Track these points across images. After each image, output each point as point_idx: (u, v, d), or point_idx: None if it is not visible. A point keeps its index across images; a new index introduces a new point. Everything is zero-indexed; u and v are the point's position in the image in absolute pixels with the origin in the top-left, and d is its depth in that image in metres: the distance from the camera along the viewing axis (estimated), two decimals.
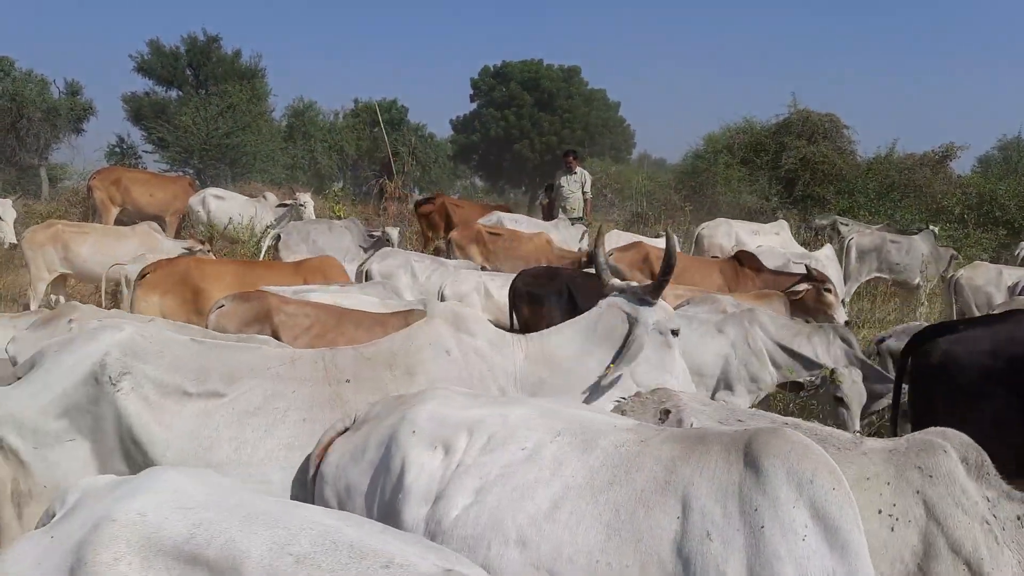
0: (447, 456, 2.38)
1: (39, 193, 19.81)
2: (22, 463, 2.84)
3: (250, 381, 3.01)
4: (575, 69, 37.66)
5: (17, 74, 21.22)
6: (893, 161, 19.51)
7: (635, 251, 9.05)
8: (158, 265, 7.30)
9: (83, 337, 3.04)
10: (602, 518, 2.15)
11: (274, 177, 22.80)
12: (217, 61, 26.08)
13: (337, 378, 3.10)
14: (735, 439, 2.19)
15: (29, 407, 2.87)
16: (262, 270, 7.63)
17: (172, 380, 2.95)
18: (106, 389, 2.87)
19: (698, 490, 2.10)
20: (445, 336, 3.30)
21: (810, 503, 2.01)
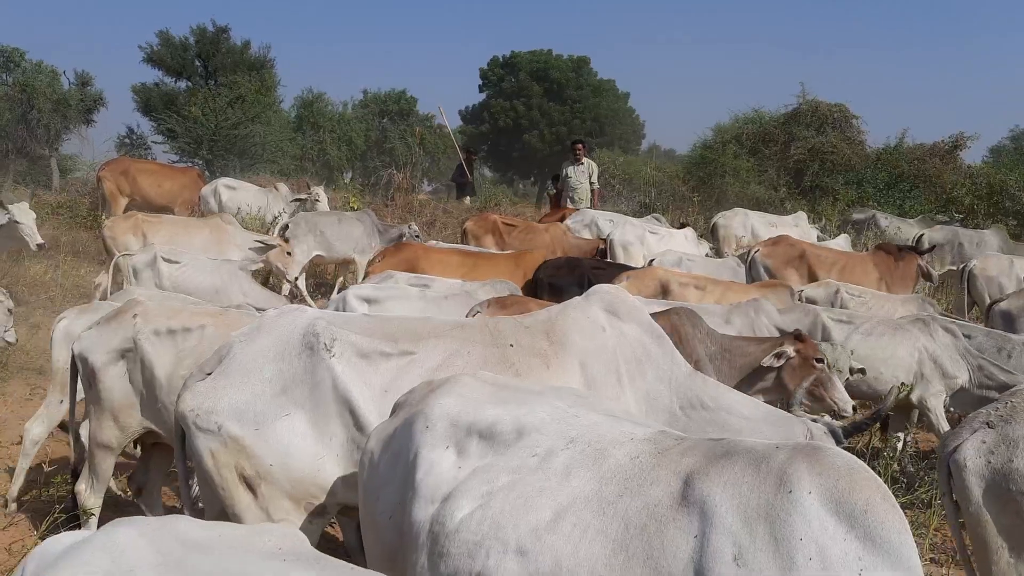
0: (458, 457, 2.35)
1: (49, 183, 19.91)
2: (244, 448, 2.95)
3: (433, 341, 3.18)
4: (584, 59, 37.60)
5: (28, 65, 21.34)
6: (903, 151, 19.42)
7: (787, 247, 8.98)
8: (385, 253, 8.00)
9: (270, 322, 3.18)
10: (608, 532, 2.02)
11: (283, 168, 22.86)
12: (226, 52, 26.12)
13: (502, 342, 3.23)
14: (766, 455, 1.99)
15: (242, 393, 2.98)
16: (484, 262, 7.92)
17: (370, 344, 3.10)
18: (321, 355, 3.01)
19: (720, 507, 1.91)
20: (598, 314, 3.37)
21: (865, 535, 1.80)
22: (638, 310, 3.49)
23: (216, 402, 2.98)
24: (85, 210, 14.70)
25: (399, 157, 24.78)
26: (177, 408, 3.07)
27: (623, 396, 3.25)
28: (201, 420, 2.98)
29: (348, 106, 30.75)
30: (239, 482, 2.97)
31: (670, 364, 3.42)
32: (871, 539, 1.80)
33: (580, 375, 3.22)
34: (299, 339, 3.08)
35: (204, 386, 3.03)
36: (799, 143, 19.14)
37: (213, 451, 2.97)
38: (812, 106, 19.89)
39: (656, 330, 3.48)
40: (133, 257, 8.34)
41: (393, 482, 2.46)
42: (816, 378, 4.58)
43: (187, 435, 3.04)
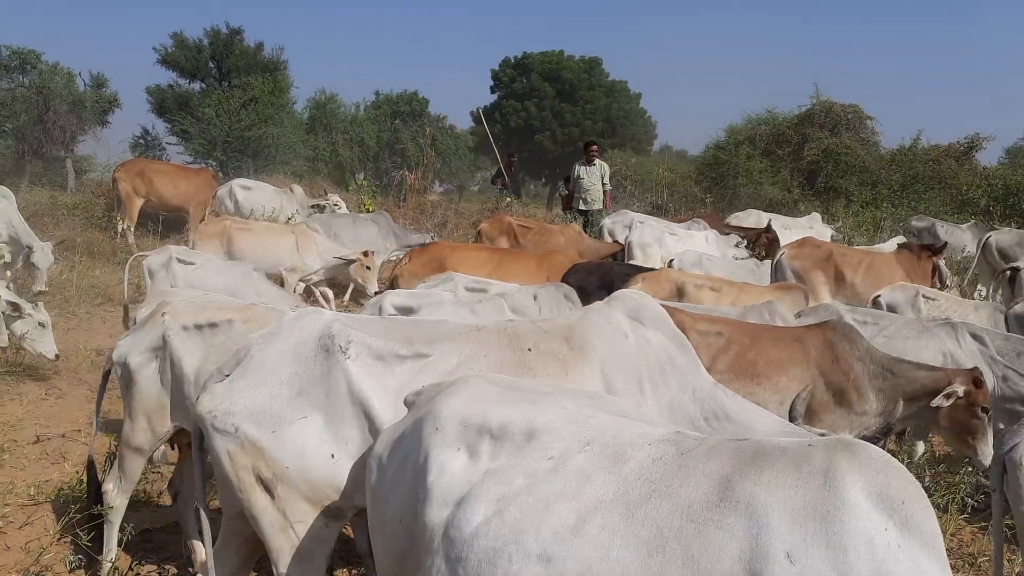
0: (470, 459, 2.32)
1: (65, 184, 20.05)
2: (261, 450, 2.96)
3: (448, 344, 3.17)
4: (596, 60, 37.59)
5: (44, 67, 21.45)
6: (917, 152, 19.32)
7: (813, 248, 8.96)
8: (413, 254, 8.09)
9: (288, 325, 3.19)
10: (640, 534, 2.01)
11: (296, 169, 22.94)
12: (240, 54, 26.22)
13: (520, 346, 3.21)
14: (805, 454, 2.02)
15: (259, 395, 2.99)
16: (510, 260, 8.00)
17: (386, 346, 3.10)
18: (337, 358, 3.02)
19: (765, 507, 1.93)
20: (621, 320, 3.35)
21: (903, 524, 1.89)
22: (663, 317, 3.45)
23: (233, 403, 2.99)
24: (100, 211, 14.80)
25: (411, 158, 24.81)
26: (195, 409, 3.08)
27: (645, 404, 3.21)
28: (219, 421, 2.99)
29: (360, 107, 30.83)
30: (256, 484, 2.98)
31: (694, 374, 3.37)
32: (908, 527, 1.89)
33: (600, 381, 3.19)
34: (315, 341, 3.09)
35: (222, 387, 3.04)
36: (812, 144, 19.07)
37: (230, 452, 2.98)
38: (826, 107, 19.81)
39: (680, 338, 3.43)
40: (148, 258, 8.39)
41: (403, 484, 2.44)
42: (972, 426, 4.41)
43: (205, 436, 3.06)
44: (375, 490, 2.57)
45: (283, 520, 3.00)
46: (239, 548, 3.33)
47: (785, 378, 4.73)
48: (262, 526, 3.03)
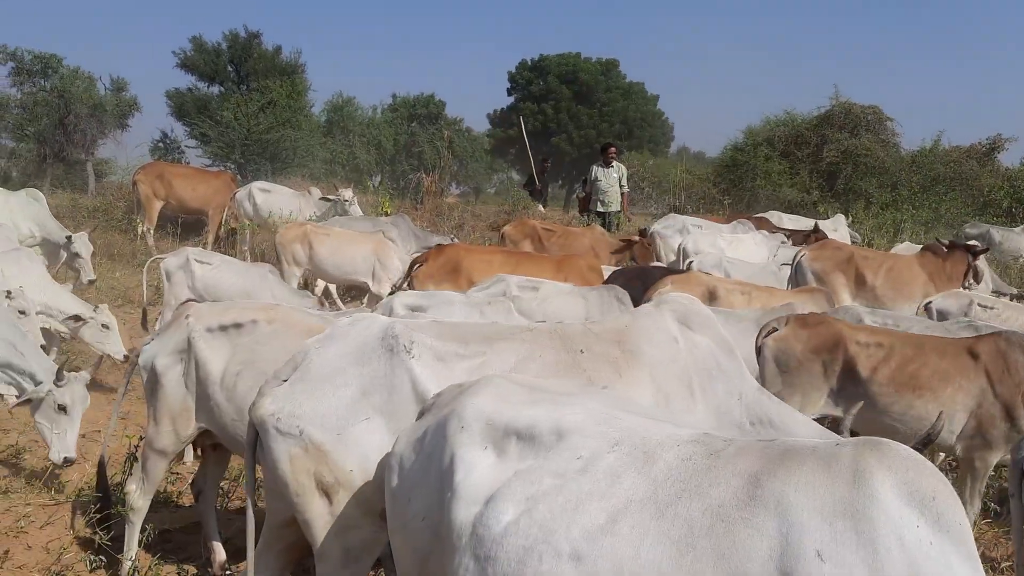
0: (497, 458, 2.33)
1: (86, 187, 20.24)
2: (325, 454, 2.94)
3: (504, 343, 3.17)
4: (613, 62, 37.51)
5: (65, 71, 21.66)
6: (938, 153, 19.14)
7: (834, 250, 8.94)
8: (428, 256, 8.03)
9: (345, 329, 3.18)
10: (671, 533, 2.02)
11: (313, 172, 23.03)
12: (258, 57, 26.37)
13: (572, 348, 3.21)
14: (834, 453, 2.03)
15: (323, 397, 2.98)
16: (528, 263, 8.00)
17: (445, 346, 3.11)
18: (401, 357, 3.02)
19: (796, 506, 1.94)
20: (670, 323, 3.34)
21: (934, 520, 1.90)
22: (711, 321, 3.44)
23: (298, 406, 2.98)
24: (120, 214, 14.92)
25: (428, 161, 24.85)
26: (255, 412, 3.06)
27: (695, 408, 3.20)
28: (283, 424, 2.97)
29: (377, 110, 30.96)
30: (315, 488, 2.97)
31: (740, 379, 3.36)
32: (938, 523, 1.90)
33: (651, 385, 3.17)
34: (378, 342, 3.08)
35: (283, 391, 3.03)
36: (832, 145, 18.93)
37: (292, 456, 2.96)
38: (845, 108, 19.66)
39: (727, 343, 3.41)
40: (165, 260, 8.46)
41: (426, 484, 2.44)
42: None
43: (264, 439, 3.03)
44: (396, 490, 2.56)
45: (338, 525, 2.99)
46: (281, 553, 3.34)
47: (950, 390, 4.69)
48: (314, 531, 3.01)
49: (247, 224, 13.28)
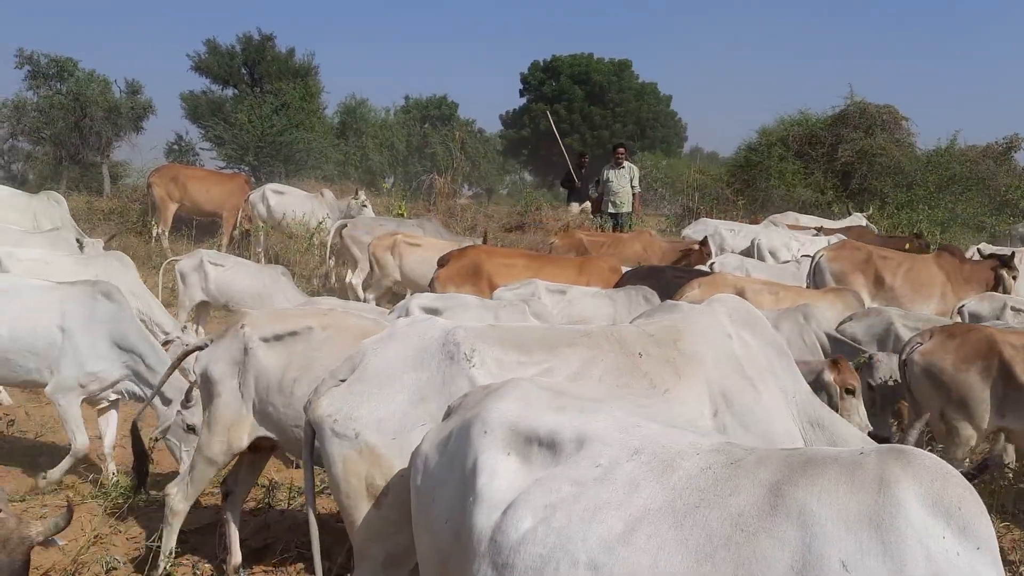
0: (519, 465, 2.32)
1: (101, 190, 20.38)
2: (379, 457, 2.93)
3: (565, 350, 3.12)
4: (626, 63, 37.47)
5: (80, 75, 21.83)
6: (954, 153, 18.97)
7: (853, 250, 8.88)
8: (450, 257, 7.99)
9: (404, 330, 3.17)
10: (689, 543, 1.99)
11: (326, 173, 23.11)
12: (271, 60, 26.51)
13: (630, 351, 3.16)
14: (857, 461, 2.00)
15: (382, 400, 2.97)
16: (549, 266, 8.01)
17: (507, 355, 3.07)
18: (462, 366, 2.99)
19: (818, 516, 1.91)
20: (724, 322, 3.30)
21: (960, 530, 1.87)
22: (763, 322, 3.40)
23: (355, 408, 2.97)
24: (135, 216, 15.01)
25: (440, 162, 24.88)
26: (313, 412, 3.05)
27: (762, 399, 3.15)
28: (339, 425, 2.96)
29: (390, 112, 31.06)
30: (364, 491, 2.96)
31: (792, 380, 3.32)
32: (964, 533, 1.86)
33: (711, 385, 3.13)
34: (438, 348, 3.06)
35: (341, 392, 3.02)
36: (847, 145, 18.80)
37: (346, 458, 2.95)
38: (860, 108, 19.51)
39: (779, 344, 3.38)
40: (180, 262, 8.51)
41: (450, 485, 2.44)
42: None
43: (321, 440, 3.02)
44: (420, 489, 2.57)
45: (383, 529, 2.98)
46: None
47: None
48: (359, 532, 3.01)
49: (260, 226, 13.34)
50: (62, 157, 21.48)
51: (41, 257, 7.71)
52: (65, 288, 5.75)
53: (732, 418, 3.09)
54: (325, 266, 12.55)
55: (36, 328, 5.49)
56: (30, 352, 5.47)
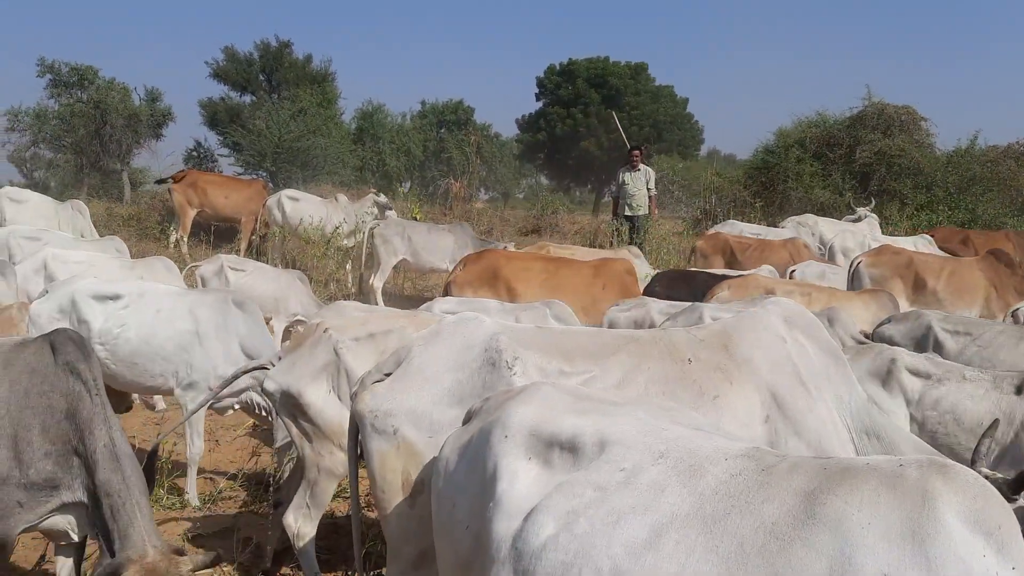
0: (540, 469, 2.29)
1: (121, 196, 20.58)
2: (416, 454, 2.95)
3: (609, 359, 3.10)
4: (642, 66, 37.34)
5: (101, 83, 22.06)
6: (974, 154, 18.76)
7: (892, 255, 8.77)
8: (466, 261, 8.06)
9: (450, 329, 3.17)
10: (719, 550, 1.95)
11: (343, 179, 23.21)
12: (289, 66, 26.67)
13: (680, 357, 3.12)
14: (898, 473, 1.96)
15: (421, 399, 2.99)
16: (566, 269, 7.98)
17: (550, 363, 3.05)
18: (503, 373, 2.98)
19: (858, 526, 1.88)
20: (778, 325, 3.24)
21: (999, 550, 1.84)
22: (817, 326, 3.33)
23: (395, 405, 2.99)
24: (155, 222, 15.15)
25: (456, 166, 24.94)
26: (355, 407, 3.07)
27: (816, 406, 3.08)
28: (379, 421, 2.99)
29: (407, 117, 31.12)
30: (400, 488, 2.97)
31: (848, 387, 3.24)
32: (1002, 553, 1.83)
33: (764, 390, 3.07)
34: (480, 352, 3.05)
35: (383, 387, 3.04)
36: (865, 146, 18.64)
37: (383, 453, 2.97)
38: (878, 109, 19.34)
39: (835, 349, 3.31)
40: (201, 267, 8.58)
41: (470, 491, 2.42)
42: None
43: (362, 434, 3.05)
44: (441, 494, 2.55)
45: (416, 528, 2.98)
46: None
47: None
48: (392, 529, 3.03)
49: (277, 231, 13.42)
50: (83, 164, 21.73)
51: (87, 260, 7.86)
52: (197, 295, 5.90)
53: (784, 424, 3.03)
54: (343, 270, 12.62)
55: (168, 333, 5.59)
56: (160, 357, 5.57)
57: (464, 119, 31.81)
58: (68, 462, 3.36)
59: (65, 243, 9.02)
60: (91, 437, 3.37)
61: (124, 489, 3.34)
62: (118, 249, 9.22)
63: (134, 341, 5.53)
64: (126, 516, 3.29)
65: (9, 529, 3.30)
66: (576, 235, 15.42)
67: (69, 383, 3.41)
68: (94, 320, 5.55)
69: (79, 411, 3.38)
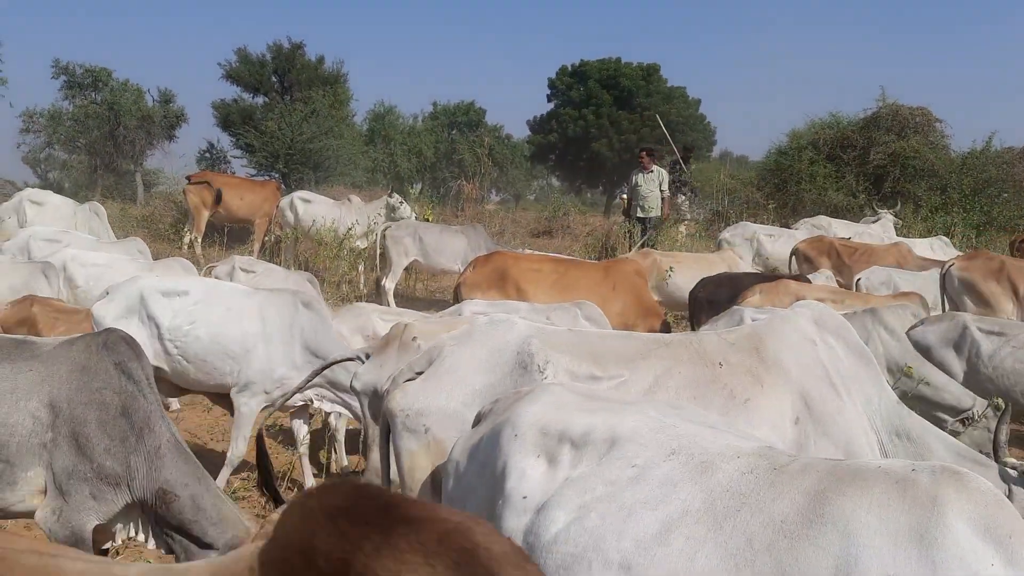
0: (550, 466, 2.30)
1: (135, 197, 20.70)
2: (445, 454, 2.94)
3: (640, 363, 3.11)
4: (654, 67, 37.26)
5: (115, 84, 22.22)
6: (990, 155, 18.60)
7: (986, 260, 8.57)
8: (476, 263, 8.04)
9: (483, 330, 3.20)
10: (728, 547, 1.98)
11: (355, 180, 23.29)
12: (301, 68, 26.76)
13: (710, 360, 3.14)
14: (910, 477, 1.97)
15: (452, 399, 3.01)
16: (575, 270, 7.99)
17: (581, 368, 3.06)
18: (534, 377, 3.00)
19: (866, 528, 1.89)
20: (808, 328, 3.25)
21: (1009, 560, 1.85)
22: (847, 329, 3.34)
23: (427, 404, 3.01)
24: (168, 223, 15.22)
25: (468, 168, 24.97)
26: (386, 404, 3.10)
27: (845, 409, 3.08)
28: (410, 421, 3.01)
29: (418, 119, 31.20)
30: (428, 487, 2.99)
31: (877, 389, 3.24)
32: (1013, 564, 1.83)
33: (794, 393, 3.08)
34: (512, 355, 3.08)
35: (415, 387, 3.06)
36: (879, 148, 18.53)
37: (412, 451, 3.00)
38: (892, 110, 19.23)
39: (865, 352, 3.31)
40: (216, 268, 8.63)
41: (480, 490, 2.44)
42: None
43: (392, 433, 3.07)
44: (451, 496, 2.58)
45: None
46: None
47: None
48: None
49: (289, 233, 13.46)
50: (97, 165, 21.89)
51: (105, 263, 7.89)
52: (265, 294, 5.86)
53: (813, 426, 3.04)
54: (355, 271, 12.63)
55: (236, 332, 5.55)
56: (228, 356, 5.53)
57: (475, 120, 31.88)
58: (128, 460, 3.38)
59: (86, 244, 9.07)
60: (151, 435, 3.41)
61: (201, 477, 3.41)
62: (139, 250, 9.29)
63: (204, 339, 5.48)
64: (211, 500, 3.34)
65: (84, 522, 3.33)
66: (588, 237, 15.37)
67: (121, 381, 3.44)
68: (163, 316, 5.48)
69: (134, 409, 3.41)
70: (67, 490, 3.32)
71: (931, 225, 15.63)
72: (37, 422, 3.35)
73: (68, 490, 3.32)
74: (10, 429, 3.33)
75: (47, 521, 3.33)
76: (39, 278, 7.10)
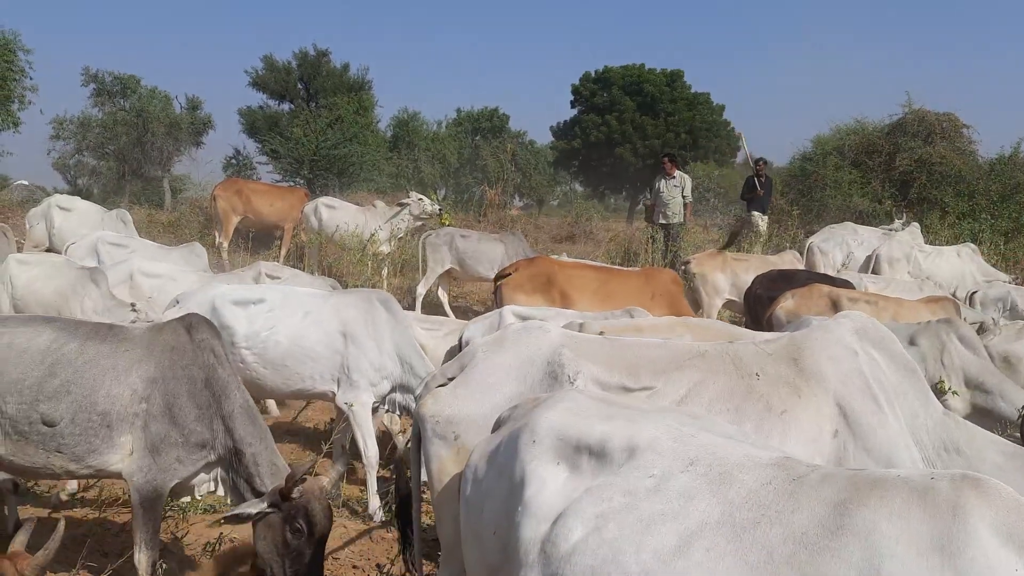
0: (569, 474, 2.29)
1: (162, 203, 20.96)
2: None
3: (673, 374, 3.08)
4: (678, 73, 37.13)
5: (143, 91, 22.54)
6: (1018, 161, 18.35)
7: None
8: (518, 266, 8.06)
9: (515, 337, 3.20)
10: (748, 558, 1.95)
11: (379, 186, 23.42)
12: (327, 75, 27.00)
13: (747, 371, 3.09)
14: (930, 485, 1.95)
15: (482, 406, 3.01)
16: (617, 277, 8.10)
17: (612, 378, 3.05)
18: (564, 387, 2.98)
19: (887, 538, 1.86)
20: (849, 338, 3.18)
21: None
22: (891, 340, 3.26)
23: (457, 411, 3.02)
24: (195, 228, 15.41)
25: (491, 174, 25.04)
26: (417, 410, 3.11)
27: (887, 421, 3.01)
28: (440, 427, 3.02)
29: (442, 125, 31.34)
30: (456, 493, 2.96)
31: (923, 402, 3.17)
32: None
33: (835, 404, 3.02)
34: (543, 365, 3.07)
35: (446, 393, 3.07)
36: (905, 154, 18.33)
37: (442, 457, 3.01)
38: (918, 116, 19.03)
39: (909, 363, 3.23)
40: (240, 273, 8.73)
41: (498, 496, 2.43)
42: None
43: (423, 437, 3.08)
44: (469, 500, 2.58)
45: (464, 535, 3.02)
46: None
47: None
48: (446, 533, 3.05)
49: (314, 239, 13.57)
50: (125, 171, 22.20)
51: (169, 274, 8.04)
52: (341, 295, 6.01)
53: (852, 440, 2.97)
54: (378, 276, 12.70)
55: (318, 335, 5.62)
56: (310, 359, 5.59)
57: (499, 126, 31.97)
58: (211, 424, 4.00)
59: (150, 250, 9.33)
60: (227, 400, 4.03)
61: (264, 437, 4.04)
62: (197, 254, 9.43)
63: (284, 344, 5.54)
64: (267, 456, 3.99)
65: (166, 482, 3.91)
66: (611, 243, 15.37)
67: (205, 357, 4.05)
68: (238, 325, 5.54)
69: (215, 380, 4.03)
70: (158, 453, 3.88)
71: (958, 232, 15.45)
72: (135, 394, 3.89)
73: (159, 453, 3.88)
74: (113, 399, 3.87)
75: (135, 478, 3.88)
76: (87, 283, 7.20)
